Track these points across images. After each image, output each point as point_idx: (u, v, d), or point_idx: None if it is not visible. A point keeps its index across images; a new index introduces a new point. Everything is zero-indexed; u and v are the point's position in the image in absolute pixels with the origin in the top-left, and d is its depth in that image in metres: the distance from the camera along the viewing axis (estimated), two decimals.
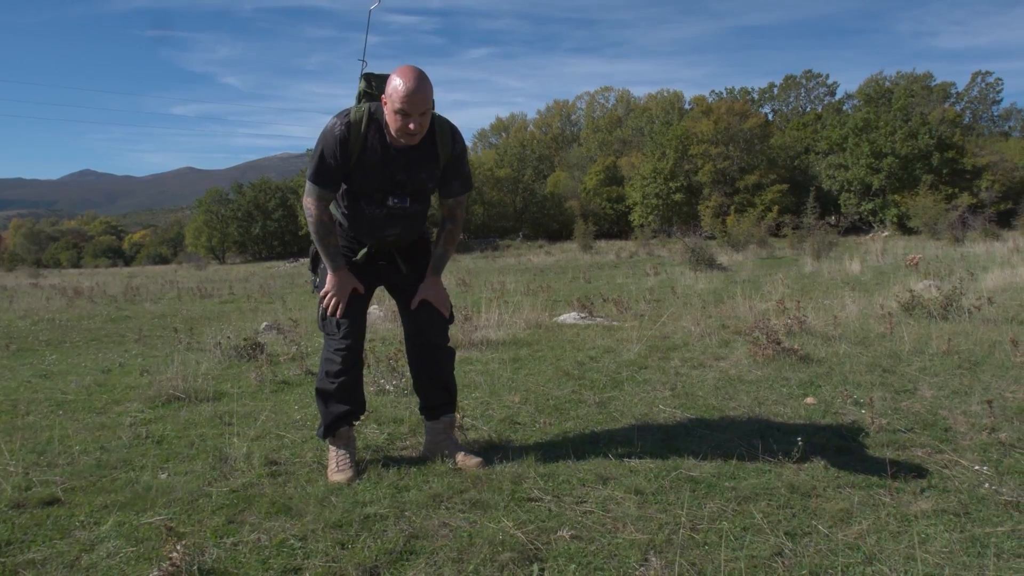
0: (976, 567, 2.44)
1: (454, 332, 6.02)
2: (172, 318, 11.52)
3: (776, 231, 27.87)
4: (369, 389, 4.32)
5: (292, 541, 2.60)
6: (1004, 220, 31.95)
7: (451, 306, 3.47)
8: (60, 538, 2.71)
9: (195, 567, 2.32)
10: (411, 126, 2.94)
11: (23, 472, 3.39)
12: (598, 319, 7.57)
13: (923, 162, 41.02)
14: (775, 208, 39.58)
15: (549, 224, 54.12)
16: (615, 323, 7.41)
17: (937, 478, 3.18)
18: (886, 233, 33.34)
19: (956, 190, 38.86)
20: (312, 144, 3.34)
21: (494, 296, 8.89)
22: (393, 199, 3.14)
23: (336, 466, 3.23)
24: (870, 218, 41.20)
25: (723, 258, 18.50)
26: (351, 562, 2.43)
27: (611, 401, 4.33)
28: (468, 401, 4.49)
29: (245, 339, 6.68)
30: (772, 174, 45.94)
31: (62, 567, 2.47)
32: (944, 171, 40.81)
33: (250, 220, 65.18)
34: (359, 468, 3.28)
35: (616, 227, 52.10)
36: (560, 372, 5.27)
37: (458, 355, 6.17)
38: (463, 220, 3.41)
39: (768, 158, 47.19)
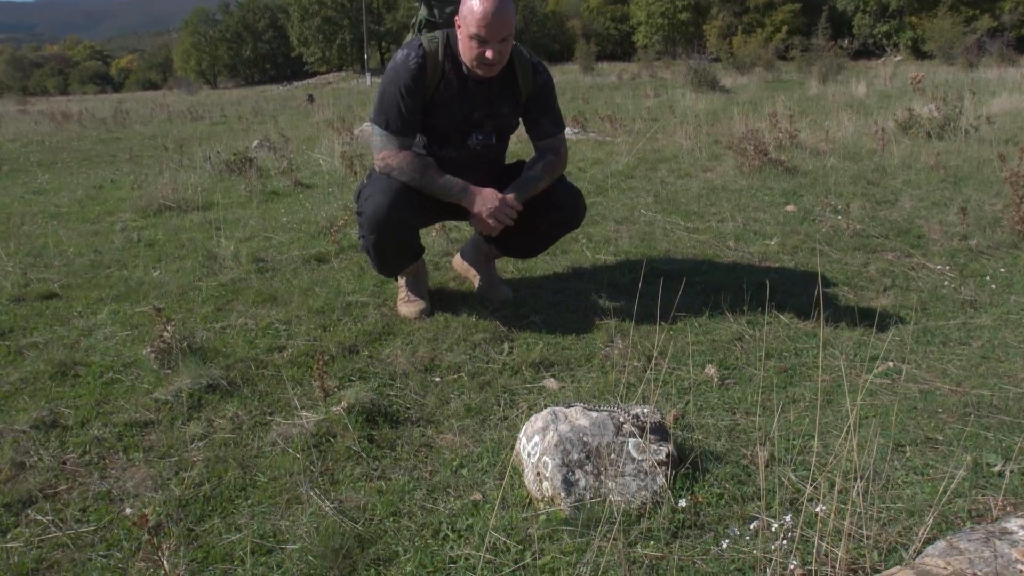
0: (922, 352, 2.59)
1: None
2: (163, 139, 11.39)
3: (784, 53, 26.83)
4: None
5: (277, 325, 2.74)
6: (1023, 46, 30.66)
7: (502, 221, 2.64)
8: (60, 325, 2.85)
9: (185, 344, 2.46)
10: (488, 54, 2.47)
11: (21, 272, 3.50)
12: (591, 135, 7.51)
13: None
14: (784, 28, 37.86)
15: (550, 45, 51.98)
16: (608, 139, 7.36)
17: (902, 279, 3.30)
18: (898, 58, 32.17)
19: (977, 12, 36.97)
20: None
21: None
22: (476, 136, 2.71)
23: (406, 296, 2.87)
24: (884, 41, 39.46)
25: (726, 80, 18.00)
26: (332, 341, 2.58)
27: (594, 206, 4.39)
28: None
29: (235, 154, 6.66)
30: None
31: (63, 348, 2.62)
32: None
33: (240, 42, 62.79)
34: (432, 299, 2.93)
35: (619, 48, 50.09)
36: None
37: None
38: (567, 157, 2.85)
39: None
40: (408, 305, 2.84)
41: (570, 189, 2.81)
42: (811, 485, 1.61)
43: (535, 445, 1.70)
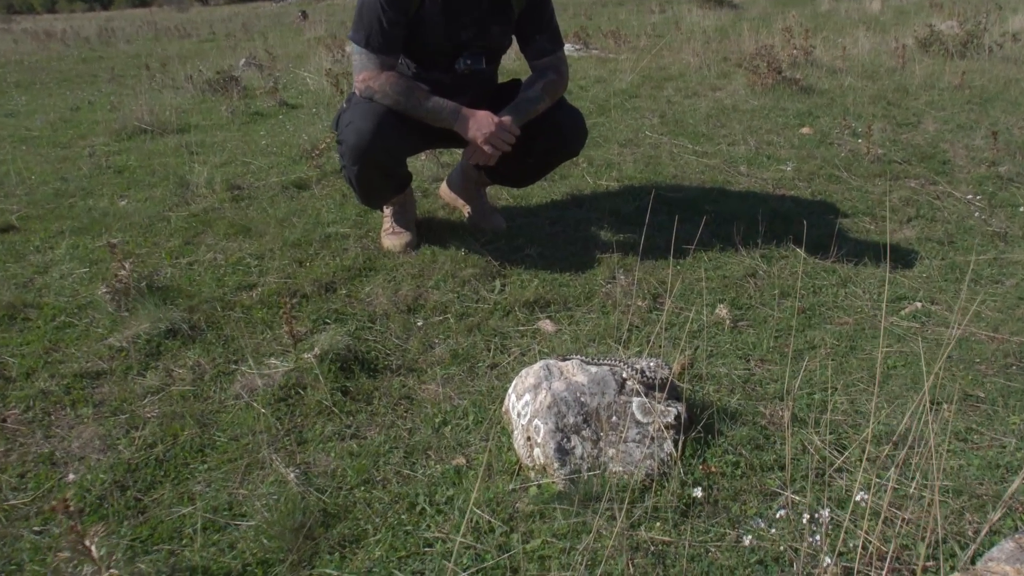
0: (952, 291, 2.37)
1: None
2: (147, 57, 10.91)
3: None
4: None
5: (248, 260, 2.51)
6: None
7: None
8: (14, 262, 2.62)
9: (144, 284, 2.23)
10: None
11: None
12: (593, 51, 7.11)
13: None
14: None
15: None
16: (611, 56, 6.96)
17: (926, 208, 3.06)
18: None
19: None
20: None
21: None
22: (464, 61, 2.41)
23: (391, 227, 2.62)
24: None
25: None
26: (307, 278, 2.35)
27: (595, 127, 4.09)
28: None
29: (218, 73, 6.30)
30: None
31: (15, 288, 2.39)
32: None
33: None
34: (418, 231, 2.67)
35: None
36: None
37: None
38: (567, 77, 2.53)
39: None
40: (392, 237, 2.60)
41: (570, 111, 2.53)
42: (840, 453, 1.41)
43: (526, 405, 1.49)
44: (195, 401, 1.80)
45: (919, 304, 2.28)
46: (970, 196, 3.15)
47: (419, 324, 2.15)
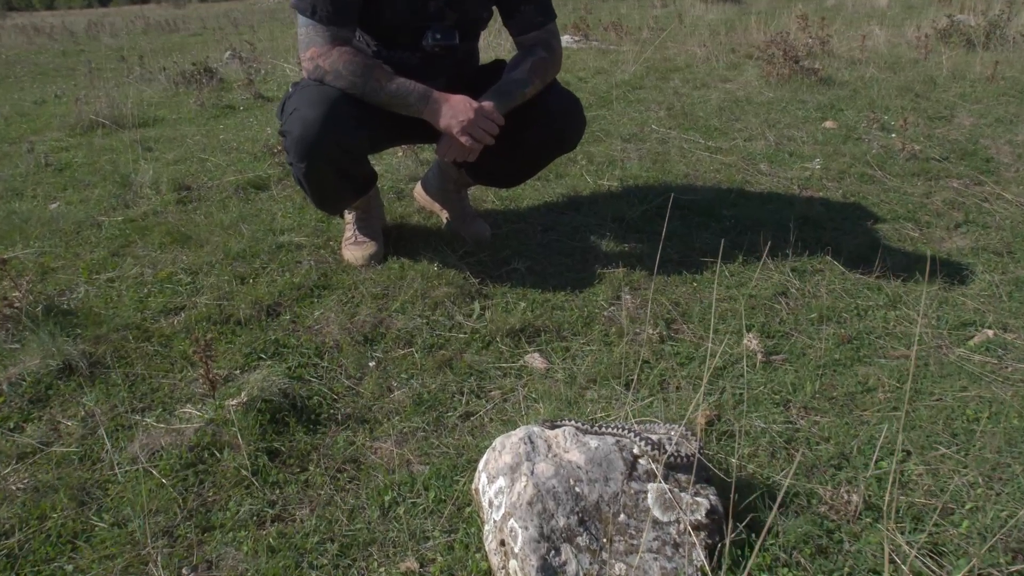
0: (1022, 314, 1.96)
1: None
2: (128, 51, 10.52)
3: None
4: None
5: (181, 275, 2.09)
6: None
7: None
8: None
9: (39, 309, 1.82)
10: None
11: None
12: (593, 43, 6.70)
13: None
14: None
15: None
16: (612, 47, 6.54)
17: (975, 212, 2.65)
18: None
19: None
20: None
21: None
22: (432, 36, 2.02)
23: (354, 236, 2.24)
24: None
25: None
26: (247, 299, 1.93)
27: (596, 121, 3.67)
28: None
29: (194, 64, 5.90)
30: None
31: None
32: None
33: None
34: (386, 240, 2.28)
35: None
36: None
37: None
38: (561, 55, 2.14)
39: None
40: (354, 248, 2.18)
41: (564, 96, 2.11)
42: (936, 561, 1.00)
43: (499, 492, 1.08)
44: (79, 467, 1.39)
45: (990, 332, 1.87)
46: None
47: (377, 359, 1.73)
